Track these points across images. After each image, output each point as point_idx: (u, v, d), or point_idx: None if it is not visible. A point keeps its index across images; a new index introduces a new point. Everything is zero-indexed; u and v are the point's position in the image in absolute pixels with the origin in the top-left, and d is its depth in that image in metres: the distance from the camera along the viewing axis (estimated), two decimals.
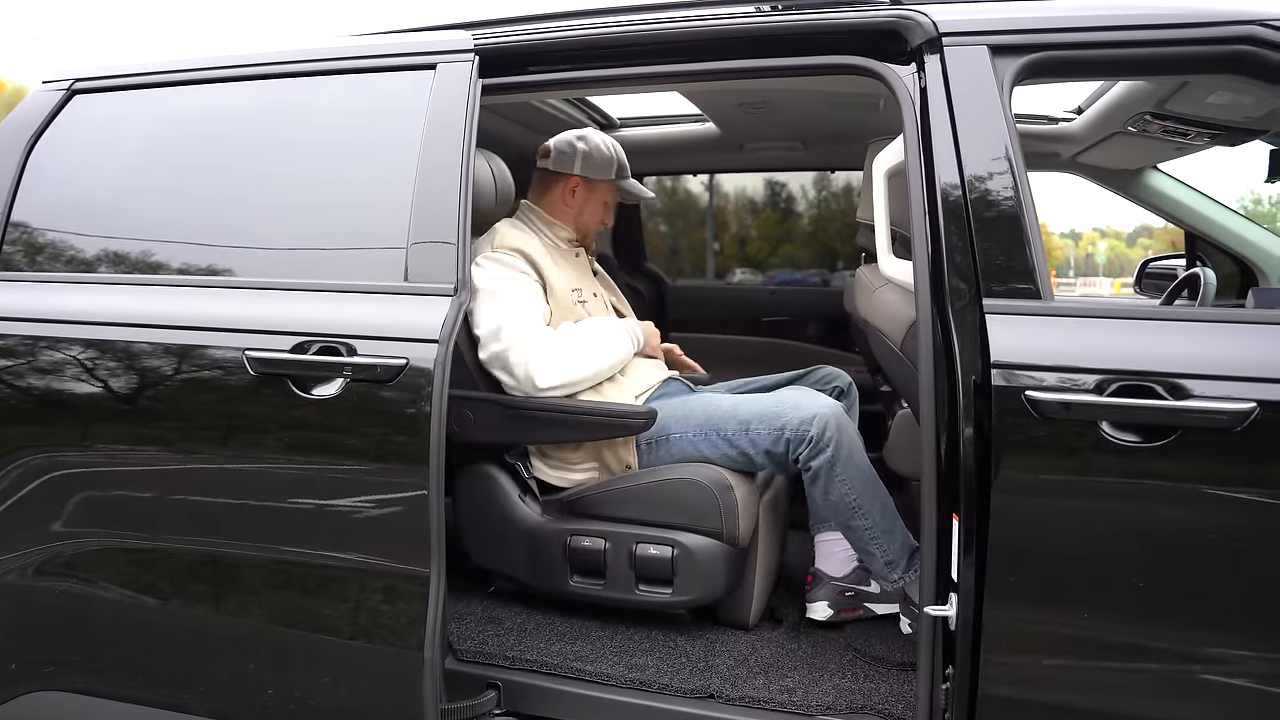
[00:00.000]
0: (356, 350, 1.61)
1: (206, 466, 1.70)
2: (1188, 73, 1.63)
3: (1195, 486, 1.33)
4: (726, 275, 10.08)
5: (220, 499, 1.69)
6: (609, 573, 1.96)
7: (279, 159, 1.84)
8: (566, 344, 2.00)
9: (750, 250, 10.99)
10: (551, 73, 1.81)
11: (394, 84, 1.82)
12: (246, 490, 1.67)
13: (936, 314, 1.48)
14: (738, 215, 11.02)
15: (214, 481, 1.70)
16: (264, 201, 1.81)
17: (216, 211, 1.83)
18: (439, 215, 1.67)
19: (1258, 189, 8.00)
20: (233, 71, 1.88)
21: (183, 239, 1.83)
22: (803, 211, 10.90)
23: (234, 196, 1.83)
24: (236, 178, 1.84)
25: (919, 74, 1.58)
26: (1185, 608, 1.34)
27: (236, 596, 1.71)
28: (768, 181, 10.73)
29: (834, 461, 1.87)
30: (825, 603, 2.06)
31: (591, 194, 2.30)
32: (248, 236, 1.79)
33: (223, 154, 1.87)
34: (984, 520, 1.39)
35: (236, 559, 1.69)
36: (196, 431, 1.71)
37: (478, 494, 2.08)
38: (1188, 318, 1.44)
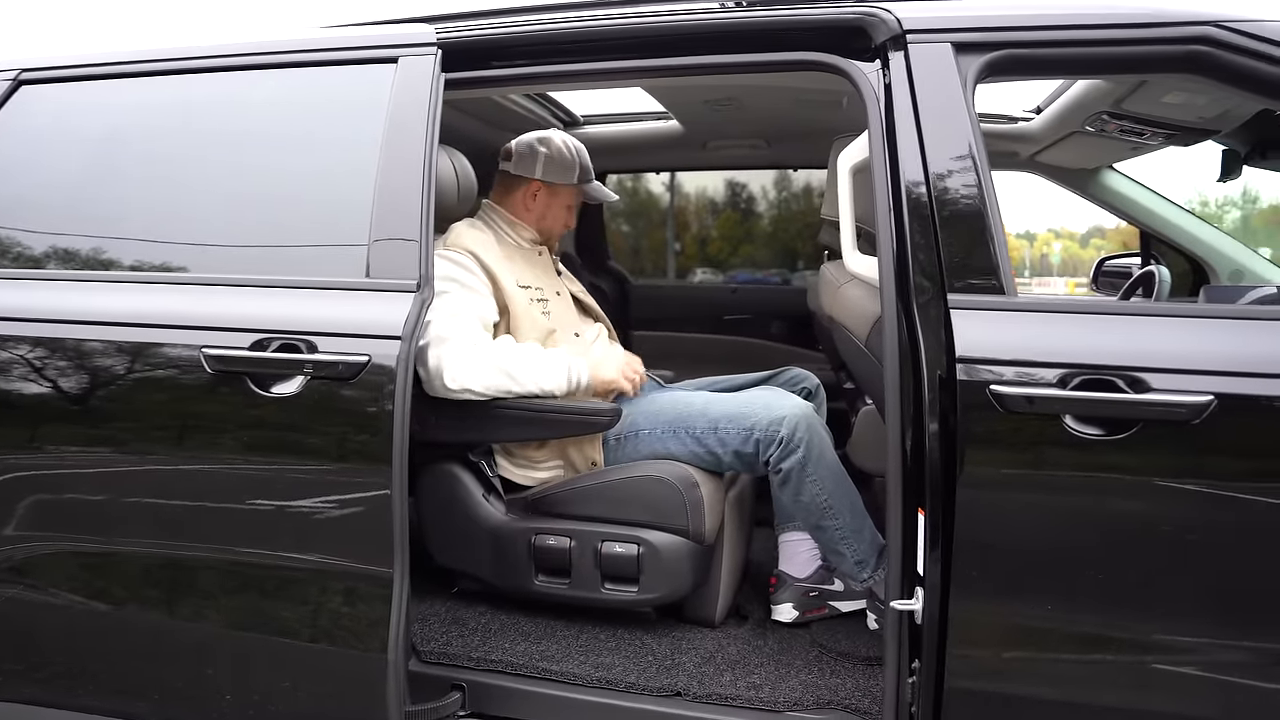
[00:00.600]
0: (317, 347, 1.58)
1: (162, 468, 1.65)
2: (1146, 72, 1.66)
3: (1155, 479, 1.35)
4: (687, 275, 10.09)
5: (176, 500, 1.65)
6: (574, 571, 1.95)
7: (237, 153, 1.80)
8: (490, 354, 1.93)
9: (711, 250, 11.01)
10: (516, 67, 1.79)
11: (355, 77, 1.79)
12: (203, 491, 1.63)
13: (901, 309, 1.49)
14: (698, 215, 11.03)
15: (170, 483, 1.65)
16: (221, 197, 1.77)
17: (172, 207, 1.78)
18: (401, 212, 1.64)
19: (1205, 190, 8.20)
20: (189, 63, 1.84)
21: (138, 235, 1.78)
22: (763, 212, 10.94)
23: (190, 192, 1.79)
24: (192, 172, 1.80)
25: (883, 71, 1.59)
26: (1146, 599, 1.35)
27: (193, 600, 1.67)
28: (728, 182, 10.76)
29: (805, 462, 1.87)
30: (790, 604, 2.06)
31: (553, 198, 2.27)
32: (204, 232, 1.75)
33: (179, 148, 1.82)
34: (949, 515, 1.39)
35: (193, 562, 1.65)
36: (151, 432, 1.66)
37: (441, 493, 2.05)
38: (1148, 312, 1.46)
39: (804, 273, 9.74)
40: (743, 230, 10.47)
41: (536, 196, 2.25)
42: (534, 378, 1.94)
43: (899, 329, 1.48)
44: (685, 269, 10.27)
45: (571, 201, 2.32)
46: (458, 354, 1.89)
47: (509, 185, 2.27)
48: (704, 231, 10.54)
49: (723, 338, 3.77)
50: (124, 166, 1.83)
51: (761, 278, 9.25)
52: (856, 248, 1.70)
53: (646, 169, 3.93)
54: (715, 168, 4.12)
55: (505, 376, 1.91)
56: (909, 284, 1.48)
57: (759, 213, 10.70)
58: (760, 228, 10.47)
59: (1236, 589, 1.33)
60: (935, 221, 1.48)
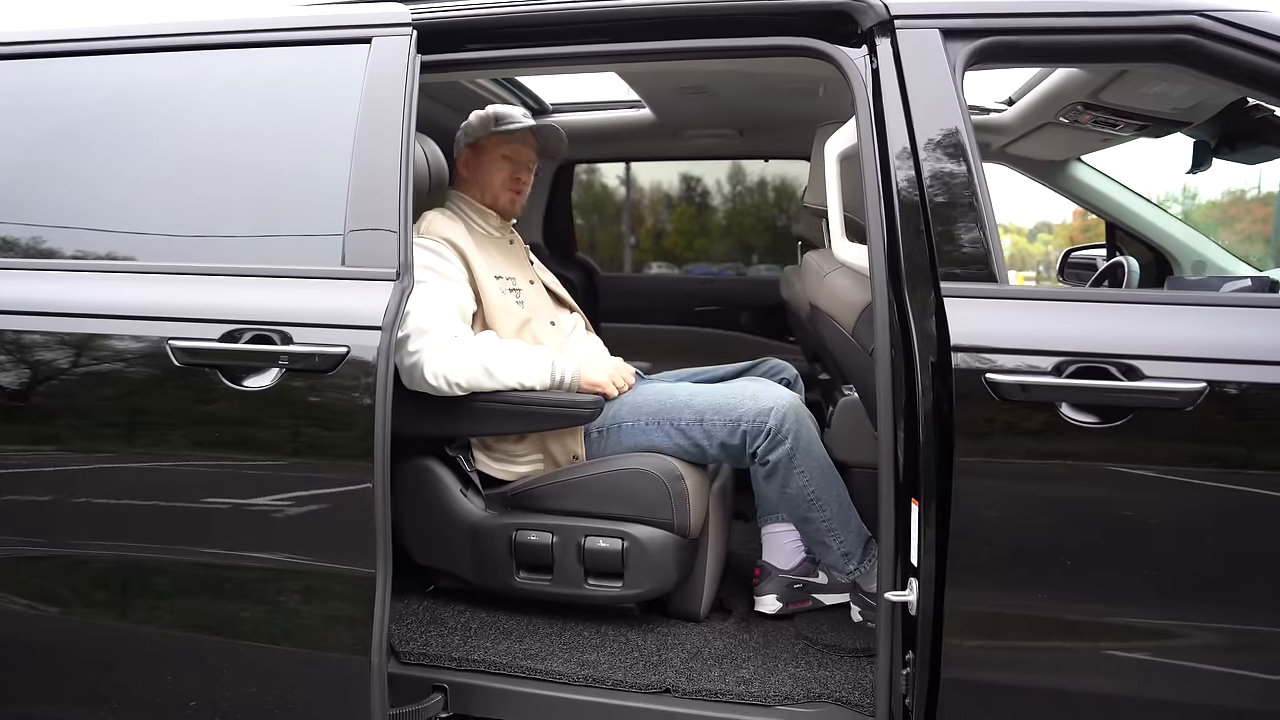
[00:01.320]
0: (292, 339, 1.51)
1: (126, 466, 1.57)
2: (1131, 61, 1.66)
3: (1150, 466, 1.35)
4: (642, 269, 10.06)
5: (143, 501, 1.57)
6: (557, 567, 1.90)
7: (201, 137, 1.72)
8: (472, 349, 1.87)
9: (667, 244, 10.99)
10: (494, 50, 1.74)
11: (326, 58, 1.72)
12: (170, 491, 1.56)
13: (893, 297, 1.47)
14: (653, 209, 11.01)
15: (134, 483, 1.58)
16: (187, 182, 1.69)
17: (135, 193, 1.70)
18: (378, 200, 1.59)
19: (1146, 185, 8.44)
20: (150, 41, 1.75)
21: (100, 223, 1.69)
22: (718, 205, 10.95)
23: (155, 177, 1.70)
24: (157, 156, 1.71)
25: (870, 57, 1.57)
26: (1144, 587, 1.35)
27: (159, 604, 1.60)
28: (683, 176, 10.75)
29: (793, 454, 1.84)
30: (774, 596, 2.04)
31: (480, 155, 2.18)
32: (170, 220, 1.67)
33: (141, 131, 1.73)
34: (944, 505, 1.38)
35: (161, 564, 1.58)
36: (115, 430, 1.58)
37: (417, 489, 1.99)
38: (1141, 300, 1.46)
39: (759, 267, 9.78)
40: (698, 224, 10.46)
41: (468, 164, 2.20)
42: (515, 372, 1.89)
43: (890, 317, 1.47)
44: (641, 263, 10.23)
45: (504, 151, 2.17)
46: (439, 348, 1.83)
47: (455, 170, 2.23)
48: (659, 225, 10.51)
49: (694, 329, 3.75)
50: (82, 151, 1.74)
51: (717, 272, 9.26)
52: (845, 236, 1.68)
53: (617, 159, 3.89)
54: (687, 157, 4.08)
55: (485, 372, 1.85)
56: (900, 272, 1.46)
57: (714, 206, 10.71)
58: (715, 221, 10.47)
59: (1232, 576, 1.33)
60: (926, 209, 1.47)
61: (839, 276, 1.85)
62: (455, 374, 1.83)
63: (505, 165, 2.17)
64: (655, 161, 4.00)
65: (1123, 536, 1.36)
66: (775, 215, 10.13)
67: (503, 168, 2.17)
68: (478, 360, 1.86)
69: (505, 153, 2.18)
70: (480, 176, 2.18)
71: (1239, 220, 19.28)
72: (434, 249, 1.95)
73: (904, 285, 1.45)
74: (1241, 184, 18.78)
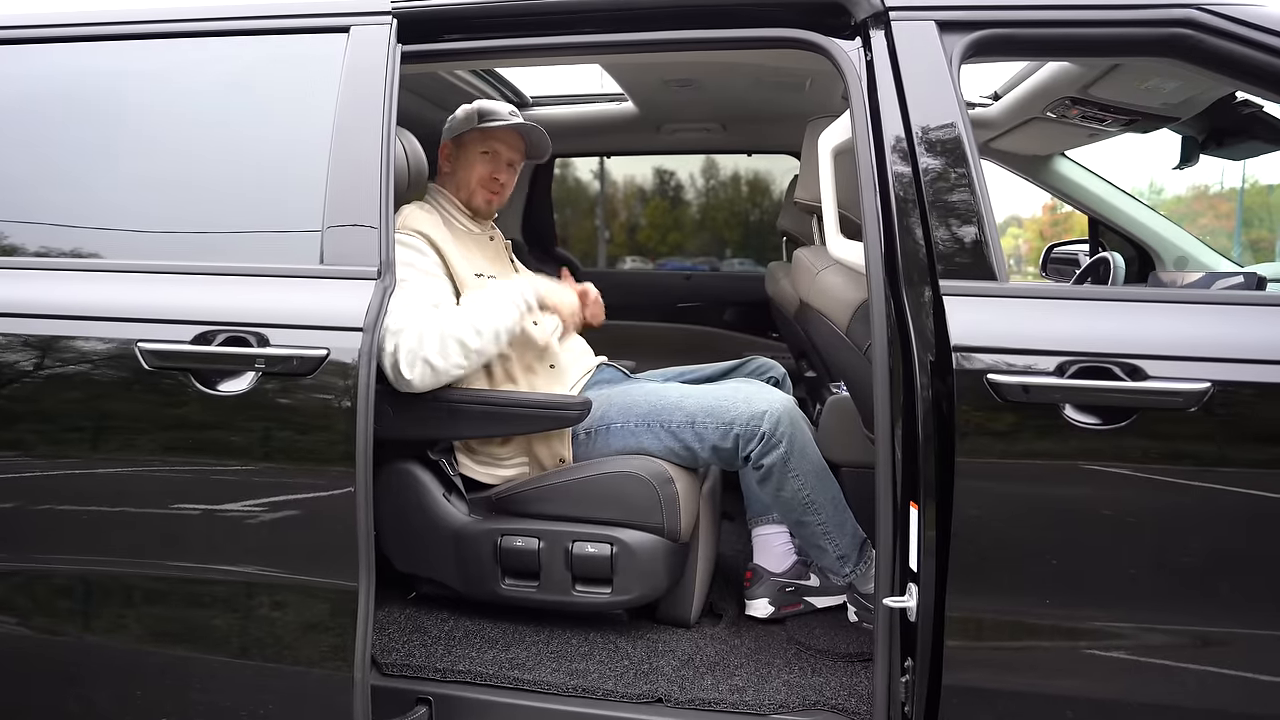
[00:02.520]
0: (269, 340, 1.45)
1: (95, 474, 1.50)
2: (1127, 55, 1.64)
3: (1153, 467, 1.32)
4: (616, 263, 10.01)
5: (111, 510, 1.50)
6: (544, 574, 1.85)
7: (172, 129, 1.64)
8: (437, 326, 1.74)
9: (640, 238, 10.96)
10: (478, 40, 1.68)
11: (302, 48, 1.66)
12: (137, 500, 1.49)
13: (891, 296, 1.44)
14: (627, 203, 10.99)
15: (104, 491, 1.50)
16: (157, 177, 1.62)
17: (102, 188, 1.62)
18: (358, 195, 1.53)
19: (1132, 179, 8.55)
20: (118, 28, 1.67)
21: (64, 219, 1.61)
22: (692, 200, 10.93)
23: (122, 171, 1.63)
24: (124, 149, 1.64)
25: (864, 49, 1.55)
26: (1149, 590, 1.33)
27: (131, 616, 1.53)
28: (656, 170, 10.71)
29: (787, 457, 1.80)
30: (766, 599, 2.00)
31: (461, 150, 2.12)
32: (139, 216, 1.59)
33: (109, 123, 1.65)
34: (945, 508, 1.35)
35: (129, 577, 1.51)
36: (80, 437, 1.51)
37: (399, 494, 1.93)
38: (1144, 298, 1.43)
39: (732, 261, 9.80)
40: (671, 218, 10.46)
41: (449, 158, 2.14)
42: (489, 324, 1.78)
43: (887, 316, 1.43)
44: (615, 257, 10.21)
45: (484, 147, 2.09)
46: (410, 342, 1.73)
47: (436, 163, 2.16)
48: (633, 219, 10.50)
49: (677, 326, 3.70)
50: (45, 144, 1.66)
51: (691, 266, 9.27)
52: (840, 232, 1.64)
53: (597, 153, 3.82)
54: (668, 151, 4.03)
55: (459, 344, 1.74)
56: (898, 270, 1.43)
57: (688, 200, 10.69)
58: (689, 216, 10.47)
59: (1244, 580, 1.31)
60: (924, 205, 1.45)
61: (832, 274, 1.81)
62: (434, 358, 1.71)
63: (484, 162, 2.11)
64: (635, 156, 3.93)
65: (1128, 540, 1.33)
66: (749, 210, 10.15)
67: (482, 165, 2.10)
68: (449, 334, 1.74)
69: (485, 149, 2.11)
70: (459, 172, 2.12)
71: (1202, 215, 19.60)
72: (409, 243, 1.88)
73: (901, 283, 1.43)
74: (1205, 180, 19.08)
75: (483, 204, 2.13)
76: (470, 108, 2.14)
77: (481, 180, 2.11)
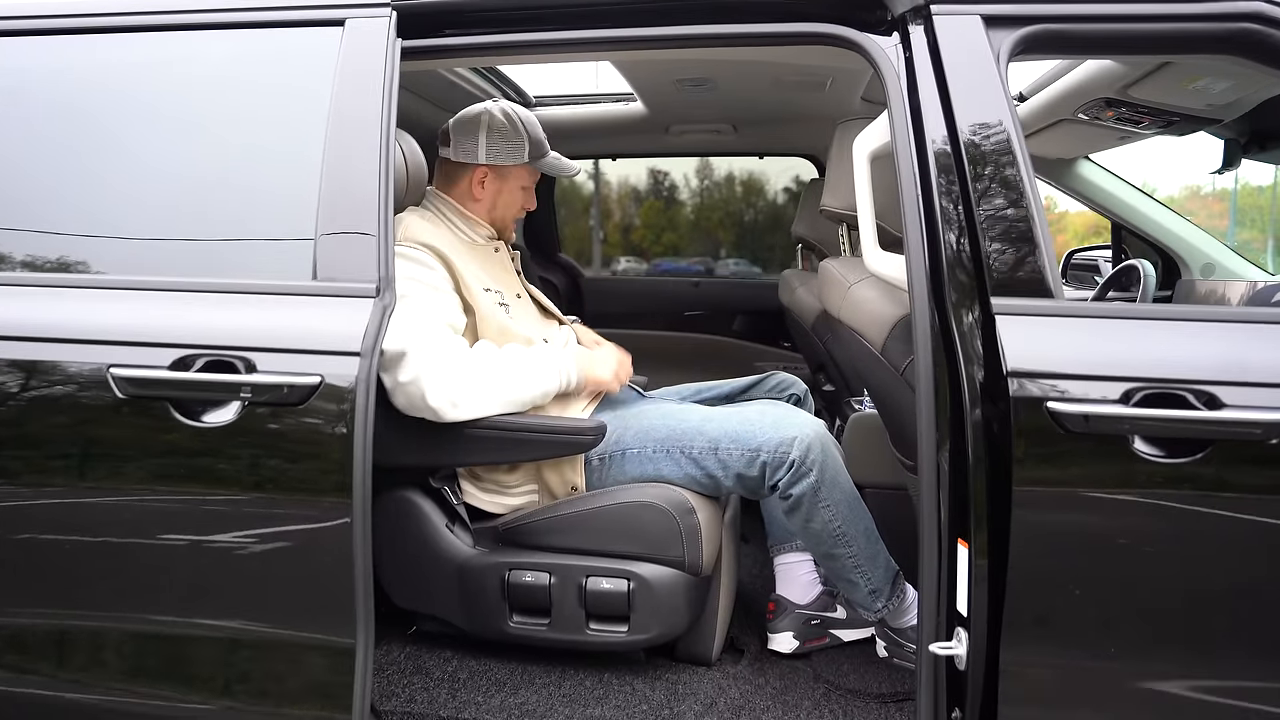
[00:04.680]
0: (256, 366, 1.31)
1: (56, 502, 1.36)
2: (1188, 52, 1.51)
3: (1233, 506, 1.21)
4: (611, 264, 9.90)
5: (83, 555, 1.36)
6: (555, 611, 1.72)
7: (151, 130, 1.51)
8: (472, 366, 1.67)
9: (635, 238, 10.87)
10: (484, 35, 1.55)
11: (294, 42, 1.53)
12: (108, 546, 1.35)
13: (937, 315, 1.32)
14: (621, 204, 10.88)
15: (64, 531, 1.36)
16: (133, 183, 1.48)
17: (73, 195, 1.48)
18: (355, 201, 1.40)
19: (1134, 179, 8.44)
20: (95, 20, 1.53)
21: (29, 228, 1.47)
22: (686, 200, 10.83)
23: (96, 176, 1.49)
24: (99, 152, 1.50)
25: (903, 46, 1.43)
26: (1229, 642, 1.21)
27: (99, 668, 1.39)
28: (651, 171, 10.61)
29: (818, 487, 1.66)
30: (790, 633, 1.88)
31: (504, 182, 1.95)
32: (111, 225, 1.46)
33: (77, 123, 1.51)
34: (999, 547, 1.23)
35: (98, 628, 1.37)
36: (46, 476, 1.37)
37: (398, 524, 1.79)
38: (1218, 318, 1.31)
39: (727, 261, 9.67)
40: (666, 219, 10.36)
41: (484, 184, 1.94)
42: (520, 389, 1.71)
43: (932, 337, 1.31)
44: (610, 257, 10.10)
45: (526, 182, 2.00)
46: (437, 368, 1.61)
47: (451, 173, 1.96)
48: (627, 220, 10.40)
49: (686, 335, 3.57)
50: (12, 145, 1.52)
51: (685, 266, 9.12)
52: (878, 243, 1.52)
53: (602, 155, 3.67)
54: (676, 154, 3.89)
55: (488, 393, 1.66)
56: (943, 286, 1.31)
57: (682, 201, 10.58)
58: (683, 216, 10.37)
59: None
60: (971, 215, 1.33)
61: (866, 288, 1.68)
62: (461, 397, 1.63)
63: (524, 195, 2.02)
64: (643, 158, 3.79)
65: (1202, 585, 1.21)
66: (744, 210, 10.05)
67: (522, 198, 2.01)
68: (484, 379, 1.67)
69: (526, 183, 2.01)
70: (497, 202, 1.98)
71: (1194, 215, 19.59)
72: (415, 257, 1.73)
73: (947, 300, 1.30)
74: (1197, 181, 19.08)
75: (508, 226, 2.04)
76: (516, 132, 1.94)
77: (517, 213, 2.03)
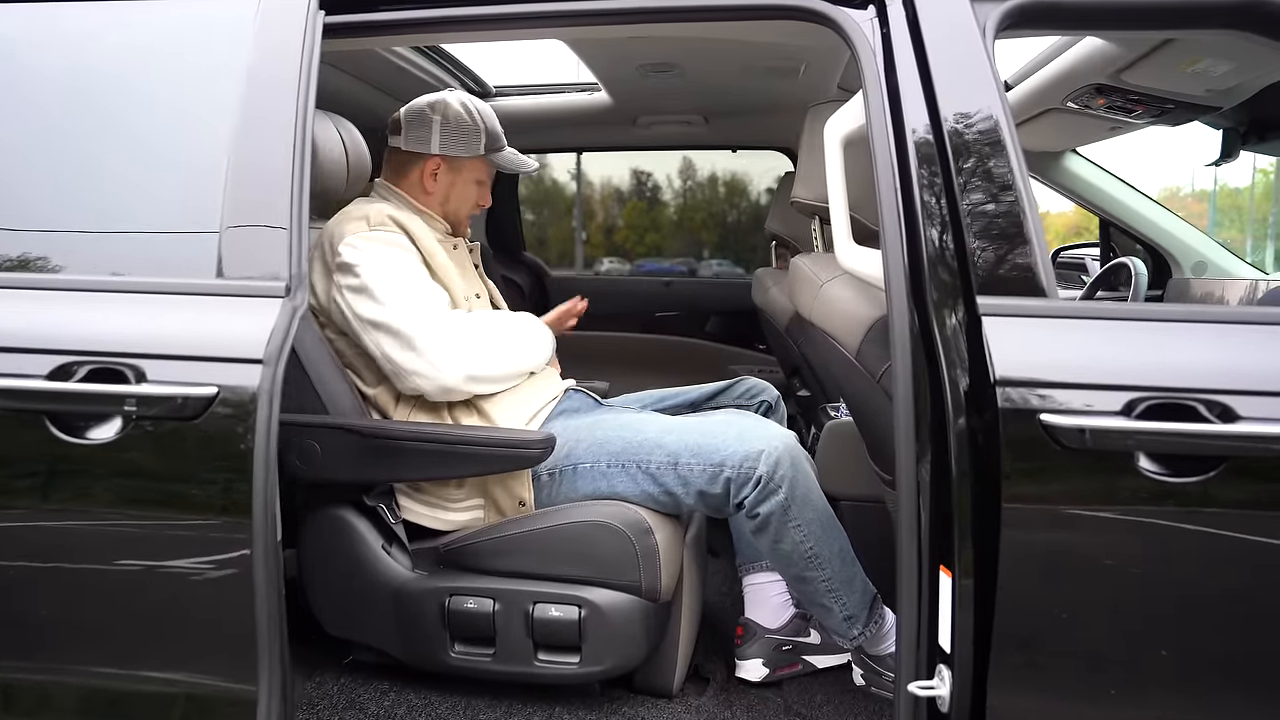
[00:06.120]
0: (146, 375, 1.16)
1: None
2: (1193, 26, 1.39)
3: (1251, 531, 1.07)
4: (594, 264, 9.79)
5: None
6: (500, 640, 1.57)
7: (34, 106, 1.34)
8: (479, 337, 1.67)
9: (618, 239, 10.78)
10: (418, 9, 1.40)
11: (201, 12, 1.37)
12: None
13: (916, 316, 1.18)
14: (604, 204, 10.80)
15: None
16: (12, 167, 1.32)
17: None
18: (264, 190, 1.24)
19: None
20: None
21: None
22: (669, 200, 10.77)
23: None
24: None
25: (879, 20, 1.29)
26: (1245, 684, 1.08)
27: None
28: (634, 170, 10.51)
29: (787, 505, 1.52)
30: (760, 660, 1.73)
31: (458, 175, 1.83)
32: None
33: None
34: (987, 576, 1.10)
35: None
36: None
37: (330, 545, 1.64)
38: (1232, 319, 1.17)
39: (710, 261, 9.60)
40: (649, 219, 10.29)
41: (437, 176, 1.81)
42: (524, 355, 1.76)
43: (911, 340, 1.18)
44: (592, 257, 10.01)
45: (481, 175, 1.87)
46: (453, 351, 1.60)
47: (402, 164, 1.82)
48: (610, 220, 10.32)
49: (657, 337, 3.42)
50: None
51: (669, 267, 9.02)
52: (852, 237, 1.38)
53: (568, 148, 3.51)
54: (645, 147, 3.74)
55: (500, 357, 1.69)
56: (924, 284, 1.18)
57: (665, 201, 10.52)
58: (666, 216, 10.30)
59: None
60: (955, 206, 1.21)
61: (839, 286, 1.54)
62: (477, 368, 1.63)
63: (479, 191, 1.90)
64: (609, 152, 3.63)
65: (1214, 619, 1.08)
66: (726, 210, 9.98)
67: (477, 193, 1.89)
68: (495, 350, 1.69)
69: (481, 176, 1.88)
70: (452, 196, 1.85)
71: (1174, 215, 19.70)
72: (393, 240, 1.64)
73: (928, 300, 1.17)
74: (1176, 182, 19.18)
75: (464, 225, 1.92)
76: (471, 123, 1.81)
77: (471, 208, 1.90)
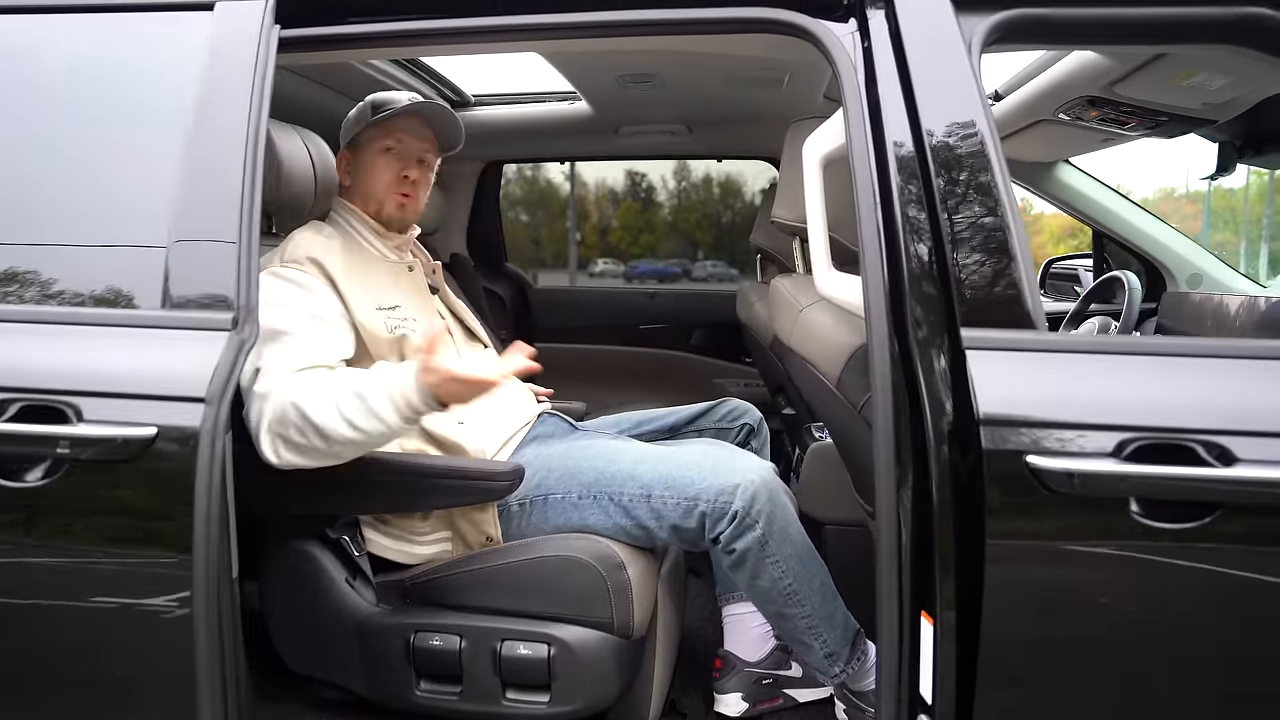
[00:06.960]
0: (82, 413, 1.09)
1: None
2: (1186, 41, 1.34)
3: (1250, 579, 1.02)
4: (589, 265, 9.74)
5: None
6: (467, 678, 1.50)
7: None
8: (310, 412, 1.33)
9: (612, 240, 10.76)
10: (377, 23, 1.34)
11: (154, 27, 1.31)
12: None
13: (898, 346, 1.13)
14: (599, 206, 10.80)
15: None
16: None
17: None
18: (214, 217, 1.19)
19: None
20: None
21: None
22: (664, 201, 10.78)
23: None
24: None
25: (860, 34, 1.24)
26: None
27: None
28: (628, 172, 10.49)
29: (764, 541, 1.46)
30: (739, 694, 1.67)
31: (359, 154, 1.74)
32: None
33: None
34: (970, 625, 1.06)
35: None
36: None
37: (293, 579, 1.57)
38: (1228, 353, 1.11)
39: (704, 262, 9.53)
40: (643, 220, 10.28)
41: (347, 168, 1.76)
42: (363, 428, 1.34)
43: (892, 374, 1.12)
44: (587, 259, 9.97)
45: (386, 142, 1.72)
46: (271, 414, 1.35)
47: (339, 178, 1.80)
48: (605, 221, 10.32)
49: (641, 350, 3.35)
50: None
51: (663, 268, 8.94)
52: (831, 262, 1.32)
53: (548, 158, 3.45)
54: (628, 157, 3.68)
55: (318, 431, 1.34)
56: (905, 313, 1.12)
57: (660, 202, 10.53)
58: (660, 218, 10.29)
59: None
60: (938, 230, 1.15)
61: (818, 312, 1.48)
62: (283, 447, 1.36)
63: (389, 162, 1.72)
64: (592, 161, 3.57)
65: (1214, 672, 1.03)
66: (721, 212, 9.95)
67: (386, 165, 1.71)
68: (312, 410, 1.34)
69: (388, 145, 1.72)
70: (363, 182, 1.73)
71: (1169, 217, 19.71)
72: (292, 278, 1.50)
73: (910, 331, 1.12)
74: (1171, 183, 19.21)
75: (395, 210, 1.73)
76: (362, 103, 1.79)
77: (389, 184, 1.71)
